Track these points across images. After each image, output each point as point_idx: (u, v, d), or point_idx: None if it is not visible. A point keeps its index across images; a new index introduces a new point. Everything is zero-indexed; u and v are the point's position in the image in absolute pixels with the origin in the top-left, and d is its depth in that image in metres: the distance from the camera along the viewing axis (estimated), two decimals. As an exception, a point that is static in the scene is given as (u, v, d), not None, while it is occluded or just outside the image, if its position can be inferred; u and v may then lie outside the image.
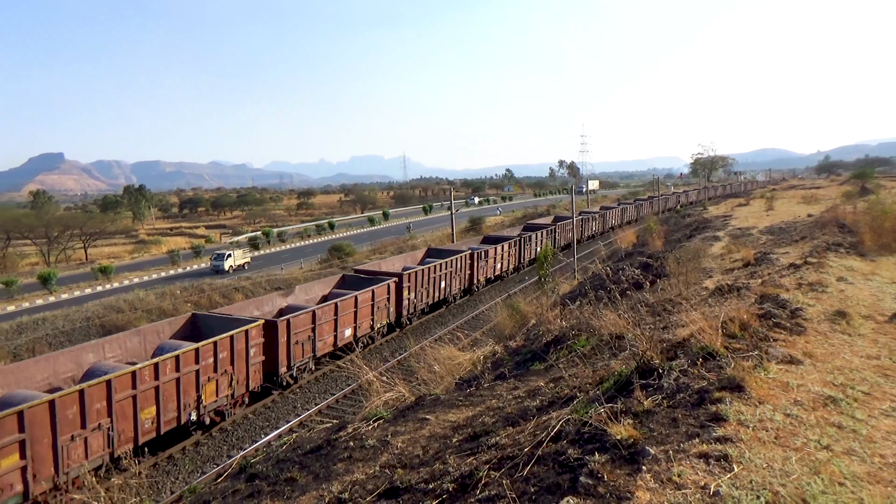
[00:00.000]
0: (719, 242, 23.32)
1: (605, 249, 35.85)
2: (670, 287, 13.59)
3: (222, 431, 17.09)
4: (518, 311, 18.02)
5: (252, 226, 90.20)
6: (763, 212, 38.12)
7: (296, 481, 5.93)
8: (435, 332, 25.84)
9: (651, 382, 5.72)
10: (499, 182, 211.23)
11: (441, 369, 12.30)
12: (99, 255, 62.47)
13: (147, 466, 14.78)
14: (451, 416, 6.88)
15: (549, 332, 12.67)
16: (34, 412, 11.80)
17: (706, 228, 31.82)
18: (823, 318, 8.51)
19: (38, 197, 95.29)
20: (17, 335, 26.54)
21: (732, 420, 4.68)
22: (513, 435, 5.33)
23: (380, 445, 6.21)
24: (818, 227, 21.85)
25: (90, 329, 28.04)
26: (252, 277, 38.14)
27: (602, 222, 56.63)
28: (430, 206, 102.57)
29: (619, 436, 4.43)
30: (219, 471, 13.91)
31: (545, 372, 8.78)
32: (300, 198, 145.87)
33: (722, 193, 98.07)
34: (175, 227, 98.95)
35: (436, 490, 4.55)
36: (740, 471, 3.95)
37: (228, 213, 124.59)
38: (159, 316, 29.38)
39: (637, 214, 65.87)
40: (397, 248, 46.92)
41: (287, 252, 58.03)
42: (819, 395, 5.47)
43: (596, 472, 4.00)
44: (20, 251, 62.02)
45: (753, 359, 6.13)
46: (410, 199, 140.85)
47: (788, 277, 12.04)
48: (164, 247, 64.24)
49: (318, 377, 20.86)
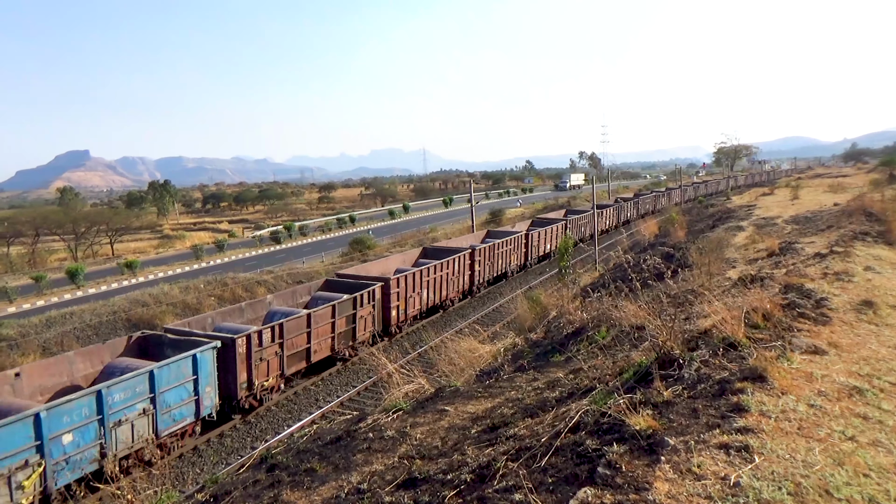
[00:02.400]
0: (743, 232, 22.99)
1: (626, 241, 35.54)
2: (692, 278, 13.43)
3: (246, 423, 17.29)
4: (538, 303, 17.96)
5: (274, 220, 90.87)
6: (788, 201, 37.49)
7: (315, 472, 5.97)
8: (455, 325, 25.84)
9: (671, 373, 5.66)
10: (519, 174, 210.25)
11: (461, 361, 12.32)
12: (125, 251, 63.42)
13: (173, 458, 15.02)
14: (470, 407, 6.89)
15: (569, 323, 12.62)
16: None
17: (729, 218, 31.37)
18: (849, 308, 8.35)
19: (66, 194, 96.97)
20: (47, 329, 27.08)
21: (754, 410, 4.62)
22: (531, 426, 5.31)
23: (399, 436, 6.23)
24: (845, 215, 21.42)
25: (117, 323, 28.52)
26: (274, 271, 38.46)
27: (618, 215, 54.94)
28: (451, 199, 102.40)
29: (638, 426, 4.40)
30: (242, 462, 14.10)
31: (565, 363, 8.74)
32: (321, 192, 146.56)
33: (746, 183, 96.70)
34: (198, 222, 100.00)
35: (454, 481, 4.55)
36: (762, 462, 3.89)
37: (251, 207, 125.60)
38: (183, 310, 29.78)
39: (654, 207, 64.01)
40: (417, 242, 47.00)
41: (308, 246, 58.43)
42: (844, 385, 5.37)
43: (614, 463, 3.97)
44: (48, 247, 63.20)
45: (776, 349, 6.04)
46: (430, 192, 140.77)
47: (814, 267, 11.83)
48: (188, 241, 64.97)
49: (340, 370, 21.02)
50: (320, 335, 19.50)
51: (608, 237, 48.53)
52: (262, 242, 60.03)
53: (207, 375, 15.42)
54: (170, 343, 16.09)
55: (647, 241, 33.55)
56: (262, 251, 55.49)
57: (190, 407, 15.16)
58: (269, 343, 17.28)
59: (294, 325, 18.27)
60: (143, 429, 13.92)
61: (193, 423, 15.54)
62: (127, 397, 13.44)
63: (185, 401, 14.97)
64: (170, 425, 14.64)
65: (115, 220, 67.37)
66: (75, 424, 12.36)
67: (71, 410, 12.29)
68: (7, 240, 59.43)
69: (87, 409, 12.61)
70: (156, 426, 14.19)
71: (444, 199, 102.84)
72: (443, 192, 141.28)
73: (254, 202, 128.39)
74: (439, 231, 55.35)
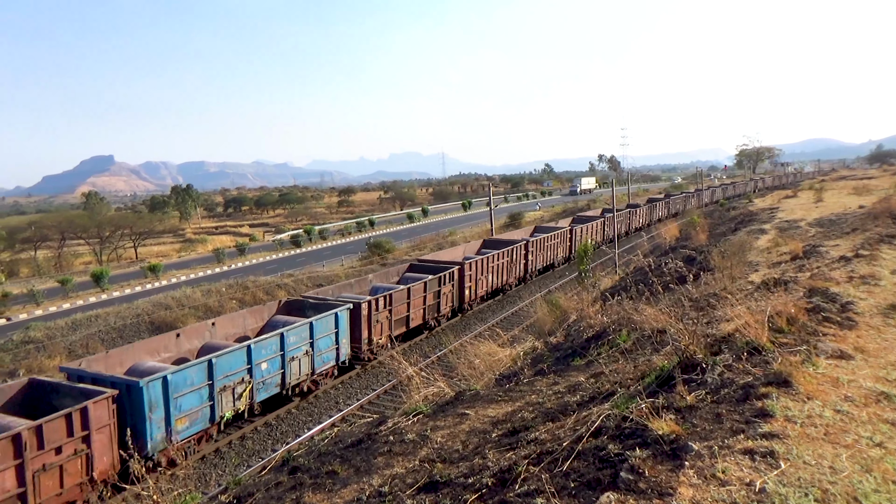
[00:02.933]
0: (766, 235, 22.70)
1: (647, 244, 35.29)
2: (714, 281, 13.30)
3: (267, 426, 17.43)
4: (558, 306, 17.88)
5: (294, 224, 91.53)
6: (812, 203, 36.96)
7: (337, 474, 6.01)
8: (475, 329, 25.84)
9: (694, 377, 5.62)
10: (537, 177, 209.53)
11: (481, 365, 12.30)
12: (148, 254, 64.31)
13: (195, 460, 15.18)
14: (491, 411, 6.88)
15: (589, 327, 12.55)
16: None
17: (752, 221, 30.99)
18: (876, 312, 8.21)
19: (91, 198, 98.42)
20: (72, 331, 27.53)
21: (779, 416, 4.56)
22: (552, 430, 5.30)
23: (419, 440, 6.24)
24: (870, 218, 21.07)
25: (140, 325, 28.90)
26: (294, 275, 38.73)
27: (628, 222, 52.53)
28: (470, 202, 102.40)
29: (661, 431, 4.37)
30: (263, 464, 14.20)
31: (585, 367, 8.70)
32: (341, 195, 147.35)
33: (769, 185, 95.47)
34: (220, 226, 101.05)
35: (475, 484, 4.55)
36: (788, 467, 3.85)
37: (271, 211, 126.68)
38: (206, 312, 30.10)
39: (668, 212, 61.83)
40: (437, 245, 47.07)
41: (328, 249, 58.77)
42: (871, 390, 5.29)
43: (637, 468, 3.94)
44: (74, 251, 64.29)
45: (801, 353, 5.97)
46: (449, 196, 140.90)
47: (839, 270, 11.65)
48: (210, 245, 65.67)
49: (360, 373, 21.12)
50: (416, 306, 23.68)
51: (627, 240, 48.17)
52: (283, 246, 60.48)
53: (344, 330, 19.87)
54: (311, 306, 20.42)
55: (668, 244, 33.27)
56: (283, 254, 55.94)
57: (332, 353, 19.48)
58: (382, 309, 21.64)
59: (399, 296, 22.56)
60: (306, 366, 18.40)
61: (334, 366, 19.81)
62: (297, 340, 17.91)
63: (330, 348, 19.30)
64: (321, 366, 19.00)
65: (138, 225, 68.36)
66: (269, 356, 16.91)
67: (266, 345, 16.78)
68: (34, 244, 60.57)
69: (275, 345, 17.11)
70: (313, 365, 18.65)
71: (463, 203, 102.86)
72: (462, 195, 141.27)
73: (274, 206, 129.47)
74: (458, 235, 55.33)
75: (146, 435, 13.33)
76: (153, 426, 13.53)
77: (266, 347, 16.80)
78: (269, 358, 16.90)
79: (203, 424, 15.03)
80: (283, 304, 21.21)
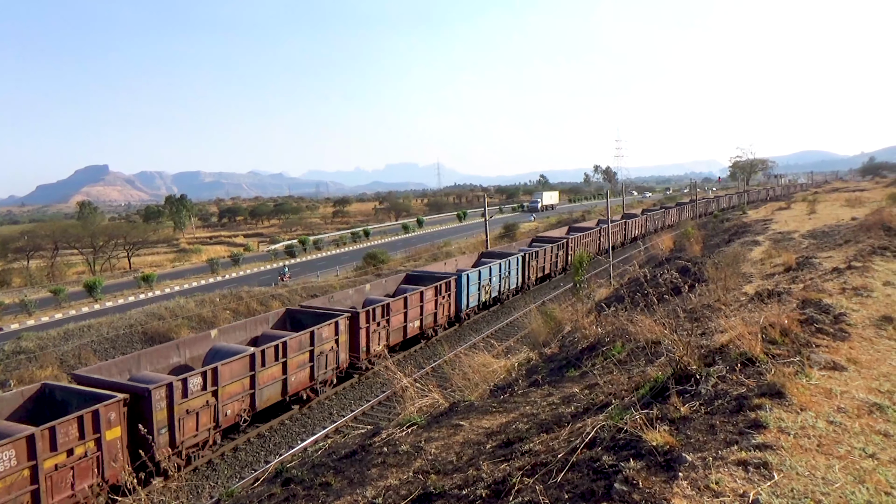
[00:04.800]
0: (759, 247, 22.80)
1: (642, 255, 35.39)
2: (708, 293, 13.34)
3: (260, 437, 17.33)
4: (553, 317, 17.89)
5: (289, 234, 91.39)
6: (805, 215, 37.17)
7: (330, 486, 5.98)
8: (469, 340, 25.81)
9: (688, 388, 5.63)
10: (533, 188, 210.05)
11: (475, 376, 12.29)
12: (142, 264, 64.03)
13: (187, 471, 15.07)
14: (485, 422, 6.87)
15: (584, 338, 12.56)
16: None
17: (745, 233, 31.15)
18: (869, 324, 8.26)
19: (84, 208, 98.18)
20: (65, 342, 27.34)
21: (773, 427, 4.57)
22: (547, 441, 5.29)
23: (413, 451, 6.22)
24: (863, 230, 21.22)
25: (133, 336, 28.74)
26: (289, 285, 38.63)
27: (623, 232, 51.77)
28: (465, 213, 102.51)
29: (655, 442, 4.37)
30: (256, 475, 14.12)
31: (580, 378, 8.69)
32: (336, 206, 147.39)
33: (762, 197, 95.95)
34: (214, 236, 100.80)
35: (469, 496, 4.54)
36: (781, 479, 3.85)
37: (266, 221, 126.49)
38: (199, 323, 29.96)
39: (658, 225, 60.24)
40: (431, 256, 47.10)
41: (322, 260, 58.67)
42: (864, 402, 5.31)
43: (631, 479, 3.94)
44: (67, 260, 63.94)
45: (795, 365, 5.99)
46: (444, 207, 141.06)
47: (832, 282, 11.71)
48: (204, 255, 65.42)
49: (354, 384, 21.05)
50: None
51: (622, 251, 48.27)
52: (277, 256, 60.31)
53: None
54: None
55: (662, 255, 33.38)
56: (277, 265, 55.84)
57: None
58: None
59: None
60: (333, 360, 19.74)
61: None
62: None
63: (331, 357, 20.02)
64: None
65: (132, 234, 68.07)
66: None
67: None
68: (27, 253, 60.25)
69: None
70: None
71: (458, 214, 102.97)
72: (457, 206, 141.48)
73: (269, 216, 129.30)
74: (453, 245, 55.34)
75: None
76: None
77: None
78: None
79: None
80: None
